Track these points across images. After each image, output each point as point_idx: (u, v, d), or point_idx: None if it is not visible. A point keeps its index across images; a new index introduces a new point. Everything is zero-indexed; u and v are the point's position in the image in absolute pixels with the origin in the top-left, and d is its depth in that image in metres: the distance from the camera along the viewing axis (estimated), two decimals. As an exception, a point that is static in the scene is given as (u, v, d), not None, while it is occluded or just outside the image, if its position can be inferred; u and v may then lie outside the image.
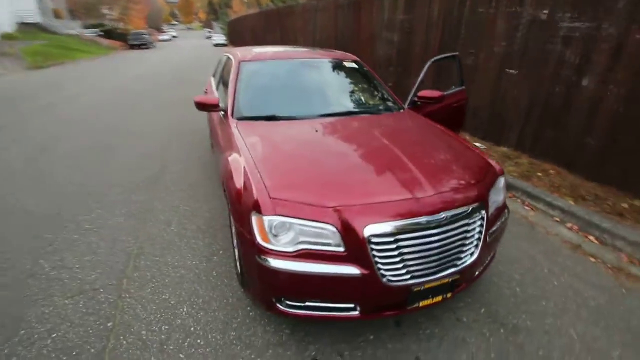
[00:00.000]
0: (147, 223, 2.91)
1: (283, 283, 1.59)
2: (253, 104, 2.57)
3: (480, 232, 1.73)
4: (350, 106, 2.69)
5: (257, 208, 1.57)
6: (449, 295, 1.74)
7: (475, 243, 1.72)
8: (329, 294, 1.60)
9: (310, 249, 1.52)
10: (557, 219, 3.10)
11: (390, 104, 2.83)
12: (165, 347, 1.78)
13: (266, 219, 1.55)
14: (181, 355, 1.73)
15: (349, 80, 2.94)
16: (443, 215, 1.59)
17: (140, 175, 3.86)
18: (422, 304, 1.67)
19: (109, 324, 1.91)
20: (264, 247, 1.56)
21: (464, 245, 1.68)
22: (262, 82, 2.78)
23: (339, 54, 3.32)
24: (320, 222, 1.52)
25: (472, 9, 5.45)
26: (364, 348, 1.79)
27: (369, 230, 1.50)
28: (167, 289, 2.18)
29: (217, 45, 31.98)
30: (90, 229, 2.81)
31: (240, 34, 27.34)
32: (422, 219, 1.55)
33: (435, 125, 2.51)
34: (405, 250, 1.55)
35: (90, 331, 1.86)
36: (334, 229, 1.50)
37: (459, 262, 1.68)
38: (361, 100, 2.78)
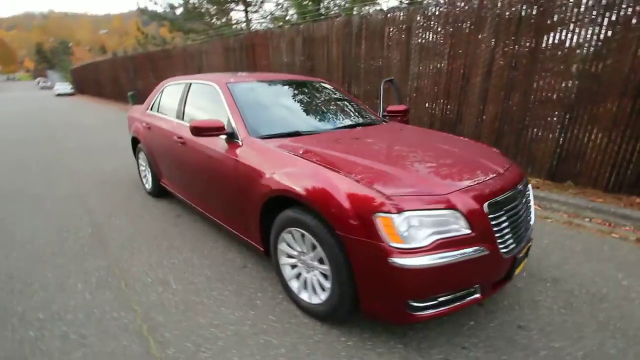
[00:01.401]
0: (133, 289, 2.21)
1: (421, 281, 1.49)
2: (266, 123, 2.37)
3: (530, 200, 2.04)
4: (352, 119, 2.76)
5: (381, 208, 1.47)
6: (526, 259, 1.95)
7: (531, 209, 2.01)
8: (460, 281, 1.58)
9: (443, 238, 1.50)
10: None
11: (376, 117, 3.04)
12: (287, 414, 1.38)
13: (394, 217, 1.46)
14: (315, 414, 1.38)
15: (334, 99, 3.03)
16: (520, 186, 1.83)
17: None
18: (517, 271, 1.82)
19: (185, 420, 1.36)
20: (397, 248, 1.45)
21: (529, 211, 1.95)
22: (260, 102, 2.60)
23: (309, 77, 3.39)
24: (445, 209, 1.52)
25: (368, 50, 6.41)
26: (475, 334, 1.80)
27: (487, 207, 1.59)
28: (228, 352, 1.70)
29: (59, 95, 28.17)
30: (49, 319, 1.95)
31: (94, 82, 24.06)
32: (513, 191, 1.75)
33: (432, 130, 2.83)
34: (510, 221, 1.69)
35: None
36: (458, 213, 1.53)
37: (528, 226, 1.92)
38: (356, 114, 2.89)
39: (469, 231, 1.54)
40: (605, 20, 3.82)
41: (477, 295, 1.66)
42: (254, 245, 2.29)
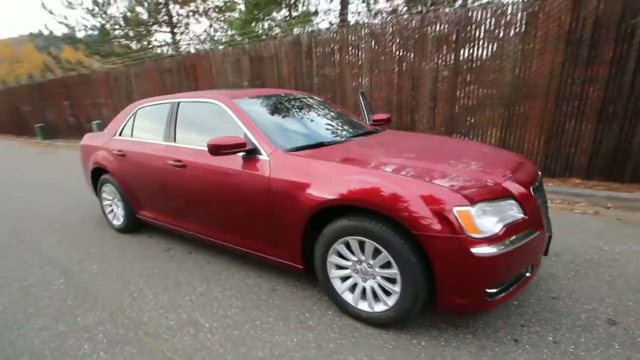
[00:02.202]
0: (158, 337, 1.91)
1: (498, 268, 1.58)
2: (285, 136, 2.30)
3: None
4: (357, 129, 2.80)
5: (458, 202, 1.54)
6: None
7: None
8: (523, 263, 1.71)
9: (507, 224, 1.61)
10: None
11: (369, 126, 3.15)
12: None
13: (470, 209, 1.54)
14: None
15: (331, 111, 3.05)
16: (539, 173, 2.07)
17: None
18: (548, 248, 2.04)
19: None
20: (476, 238, 1.53)
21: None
22: (269, 116, 2.52)
23: (293, 91, 3.38)
24: (505, 197, 1.66)
25: (319, 66, 6.67)
26: (524, 312, 1.95)
27: (532, 191, 1.77)
28: (310, 380, 1.56)
29: None
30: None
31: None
32: (540, 176, 1.97)
33: (427, 134, 3.03)
34: (542, 202, 1.90)
35: None
36: (514, 200, 1.68)
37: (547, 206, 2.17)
38: (354, 124, 2.95)
39: (522, 215, 1.69)
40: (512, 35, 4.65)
41: (529, 274, 1.81)
42: (288, 264, 2.17)
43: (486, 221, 1.57)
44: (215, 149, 2.10)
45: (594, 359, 1.60)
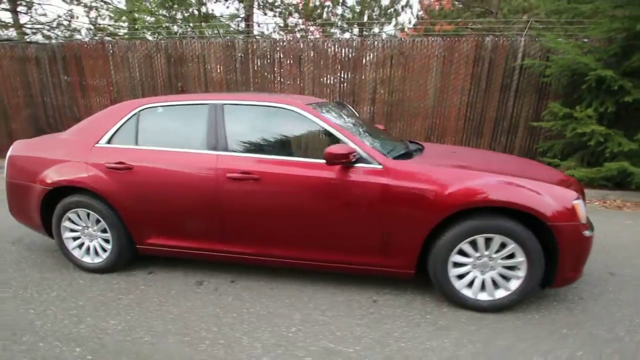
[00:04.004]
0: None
1: (590, 245, 2.07)
2: (380, 145, 2.32)
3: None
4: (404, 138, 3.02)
5: (574, 197, 1.98)
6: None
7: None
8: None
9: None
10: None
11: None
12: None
13: (580, 201, 2.00)
14: None
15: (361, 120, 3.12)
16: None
17: None
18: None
19: None
20: (584, 224, 2.00)
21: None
22: (350, 125, 2.45)
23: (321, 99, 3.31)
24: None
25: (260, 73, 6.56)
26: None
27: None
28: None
29: None
30: None
31: None
32: (564, 175, 2.66)
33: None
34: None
35: None
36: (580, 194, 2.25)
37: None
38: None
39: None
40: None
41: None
42: (397, 272, 2.19)
43: (579, 210, 2.07)
44: (332, 158, 1.97)
45: (629, 296, 2.31)
